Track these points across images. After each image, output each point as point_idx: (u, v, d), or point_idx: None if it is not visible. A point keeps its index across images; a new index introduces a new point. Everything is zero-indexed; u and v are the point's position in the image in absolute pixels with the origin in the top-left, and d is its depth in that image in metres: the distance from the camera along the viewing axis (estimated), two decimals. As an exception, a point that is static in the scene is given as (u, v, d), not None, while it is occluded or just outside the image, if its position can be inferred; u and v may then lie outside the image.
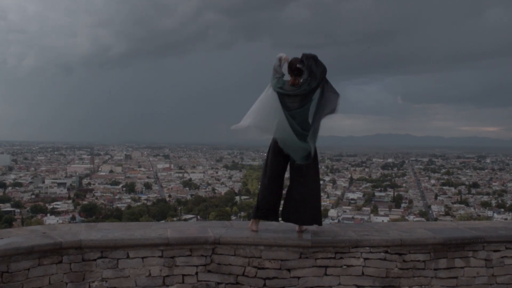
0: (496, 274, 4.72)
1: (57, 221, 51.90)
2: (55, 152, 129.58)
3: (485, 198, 73.74)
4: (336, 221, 55.16)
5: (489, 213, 61.97)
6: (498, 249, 4.73)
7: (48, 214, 58.61)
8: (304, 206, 4.61)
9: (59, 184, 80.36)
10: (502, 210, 64.19)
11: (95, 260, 4.18)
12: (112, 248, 4.21)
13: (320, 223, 4.70)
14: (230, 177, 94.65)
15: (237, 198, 72.76)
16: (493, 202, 70.48)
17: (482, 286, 4.68)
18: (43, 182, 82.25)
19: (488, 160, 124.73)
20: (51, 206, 63.88)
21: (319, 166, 4.85)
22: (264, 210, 4.67)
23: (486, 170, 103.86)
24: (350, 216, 60.49)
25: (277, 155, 4.66)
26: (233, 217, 57.71)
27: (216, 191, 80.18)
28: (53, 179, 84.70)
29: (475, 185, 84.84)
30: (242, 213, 60.03)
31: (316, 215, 4.65)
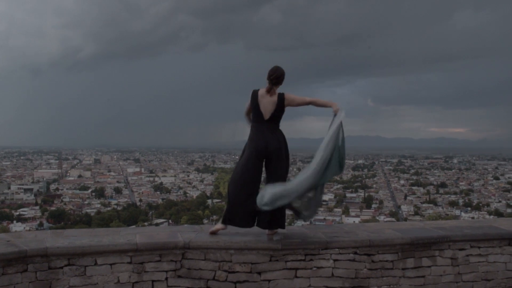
0: (461, 272, 4.84)
1: (24, 228, 50.63)
2: (21, 157, 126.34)
3: (453, 197, 75.45)
4: (308, 222, 55.55)
5: (457, 212, 63.41)
6: (463, 247, 4.86)
7: (15, 221, 57.14)
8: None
9: (26, 190, 78.42)
10: (469, 209, 65.81)
11: (61, 267, 4.10)
12: (80, 255, 4.14)
13: (280, 226, 4.71)
14: (201, 181, 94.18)
15: (209, 201, 72.44)
16: (460, 201, 72.21)
17: (449, 284, 4.78)
18: (9, 188, 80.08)
19: (455, 161, 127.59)
20: (18, 213, 62.28)
21: (291, 168, 4.91)
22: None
23: (453, 170, 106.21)
24: (322, 217, 60.93)
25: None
26: (205, 221, 57.40)
27: (187, 194, 79.64)
28: (19, 184, 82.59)
29: (443, 185, 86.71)
30: (214, 217, 59.80)
31: (275, 218, 4.66)
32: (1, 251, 3.90)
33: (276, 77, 4.68)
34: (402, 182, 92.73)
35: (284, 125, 4.91)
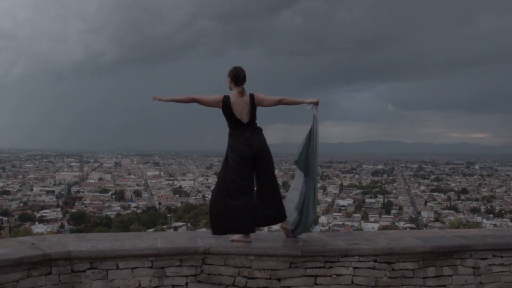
0: (484, 282, 4.76)
1: (46, 229, 51.41)
2: (44, 160, 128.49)
3: (474, 204, 74.34)
4: (326, 228, 55.29)
5: (478, 219, 62.42)
6: (485, 257, 4.78)
7: (37, 223, 58.05)
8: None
9: (48, 192, 79.73)
10: (491, 216, 64.74)
11: (84, 271, 4.16)
12: (102, 259, 4.20)
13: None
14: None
15: (228, 205, 72.44)
16: (482, 208, 71.07)
17: (470, 294, 4.72)
18: (32, 190, 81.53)
19: (477, 166, 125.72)
20: (40, 214, 63.32)
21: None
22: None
23: (475, 176, 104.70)
24: (341, 223, 60.54)
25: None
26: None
27: (206, 198, 79.87)
28: (42, 187, 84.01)
29: (464, 191, 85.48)
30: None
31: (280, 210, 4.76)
32: (26, 254, 3.98)
33: (244, 76, 4.64)
34: (422, 187, 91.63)
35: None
